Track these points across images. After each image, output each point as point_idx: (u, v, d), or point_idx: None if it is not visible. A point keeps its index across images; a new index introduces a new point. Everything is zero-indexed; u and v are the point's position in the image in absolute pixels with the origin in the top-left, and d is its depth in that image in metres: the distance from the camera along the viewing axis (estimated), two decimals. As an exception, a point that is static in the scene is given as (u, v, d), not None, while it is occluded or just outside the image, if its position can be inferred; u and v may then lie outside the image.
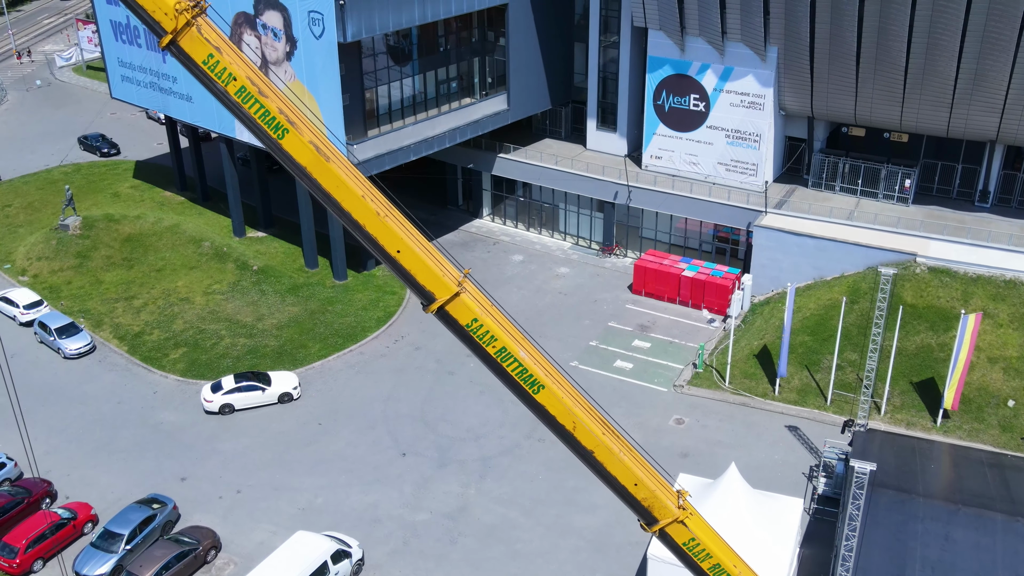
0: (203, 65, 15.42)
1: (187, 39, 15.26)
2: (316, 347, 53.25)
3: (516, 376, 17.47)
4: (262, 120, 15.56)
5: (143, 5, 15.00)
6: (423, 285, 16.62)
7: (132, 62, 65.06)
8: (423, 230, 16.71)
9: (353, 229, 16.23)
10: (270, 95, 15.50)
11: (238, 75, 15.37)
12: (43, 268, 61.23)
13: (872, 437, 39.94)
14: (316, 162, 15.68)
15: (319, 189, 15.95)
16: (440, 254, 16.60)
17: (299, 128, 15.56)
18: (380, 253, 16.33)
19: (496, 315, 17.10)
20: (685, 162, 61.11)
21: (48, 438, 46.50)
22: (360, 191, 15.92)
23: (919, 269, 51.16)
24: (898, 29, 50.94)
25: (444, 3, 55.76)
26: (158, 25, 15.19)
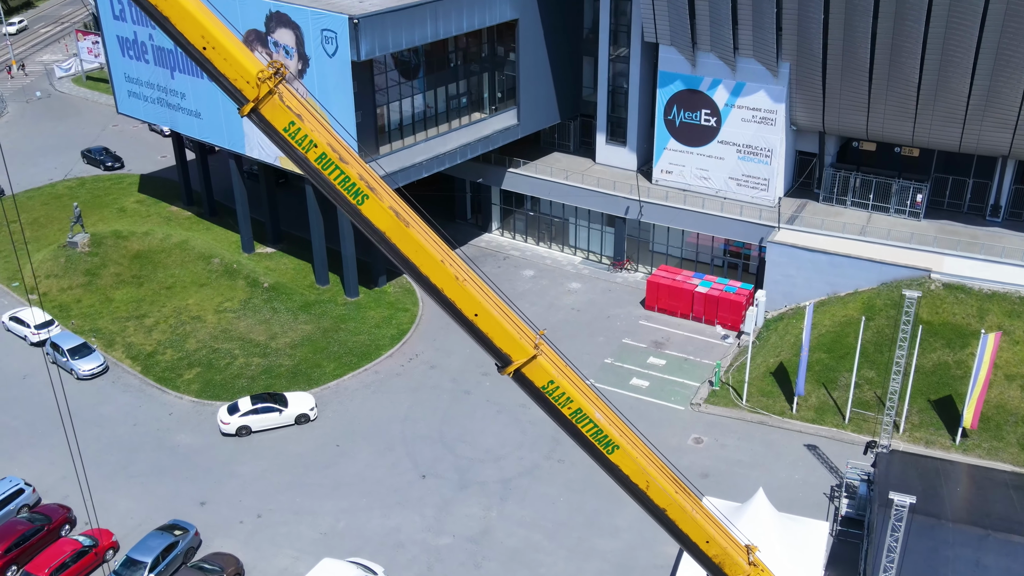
0: (284, 132, 15.32)
1: (269, 107, 15.15)
2: (331, 366, 53.05)
3: (591, 437, 17.41)
4: (342, 186, 15.46)
5: (225, 74, 14.88)
6: (500, 348, 16.56)
7: (139, 78, 64.75)
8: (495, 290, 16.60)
9: (429, 292, 16.15)
10: (351, 161, 15.40)
11: (319, 142, 15.27)
12: (52, 286, 60.85)
13: (895, 459, 39.98)
14: (396, 227, 15.59)
15: (397, 254, 15.87)
16: (515, 314, 16.52)
17: (379, 194, 15.47)
18: (456, 316, 16.26)
19: (571, 375, 17.02)
20: (696, 177, 61.12)
21: (64, 462, 45.85)
22: (439, 255, 15.86)
23: (934, 285, 51.26)
24: (911, 46, 51.05)
25: (456, 20, 55.65)
26: (239, 93, 15.07)
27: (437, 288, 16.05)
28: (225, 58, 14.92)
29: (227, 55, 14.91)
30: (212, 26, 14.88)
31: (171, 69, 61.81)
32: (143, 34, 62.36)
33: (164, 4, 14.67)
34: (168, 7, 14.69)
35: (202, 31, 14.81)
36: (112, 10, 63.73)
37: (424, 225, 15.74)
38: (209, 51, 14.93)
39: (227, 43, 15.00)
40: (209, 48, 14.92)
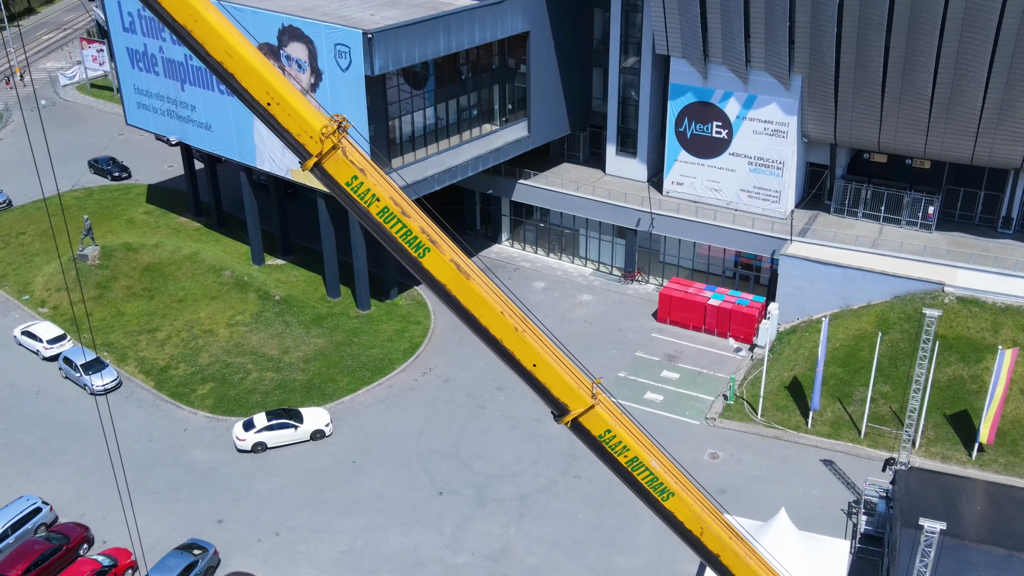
0: (346, 186, 15.30)
1: (332, 162, 15.13)
2: (344, 381, 53.01)
3: (647, 484, 17.42)
4: (403, 239, 15.45)
5: (288, 129, 14.87)
6: (557, 397, 16.57)
7: (149, 89, 64.67)
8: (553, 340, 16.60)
9: (488, 342, 16.16)
10: (412, 215, 15.40)
11: (381, 196, 15.27)
12: (62, 299, 60.74)
13: (914, 476, 40.01)
14: (457, 280, 15.59)
15: (457, 305, 15.87)
16: (571, 362, 16.53)
17: (440, 247, 15.47)
18: (515, 366, 16.26)
19: (627, 423, 17.03)
20: (707, 188, 61.16)
21: (80, 479, 46.16)
22: (499, 307, 15.86)
23: (947, 299, 51.32)
24: (925, 60, 51.13)
25: (468, 33, 55.65)
26: (302, 148, 15.05)
27: (496, 339, 16.07)
28: (289, 113, 14.91)
29: (291, 110, 14.90)
30: (277, 81, 14.86)
31: (181, 81, 61.74)
32: (153, 46, 62.29)
33: (230, 61, 14.64)
34: (234, 64, 14.66)
35: (267, 87, 14.80)
36: (122, 22, 63.65)
37: (483, 276, 15.74)
38: (273, 107, 14.93)
39: (291, 98, 14.98)
40: (274, 104, 14.91)
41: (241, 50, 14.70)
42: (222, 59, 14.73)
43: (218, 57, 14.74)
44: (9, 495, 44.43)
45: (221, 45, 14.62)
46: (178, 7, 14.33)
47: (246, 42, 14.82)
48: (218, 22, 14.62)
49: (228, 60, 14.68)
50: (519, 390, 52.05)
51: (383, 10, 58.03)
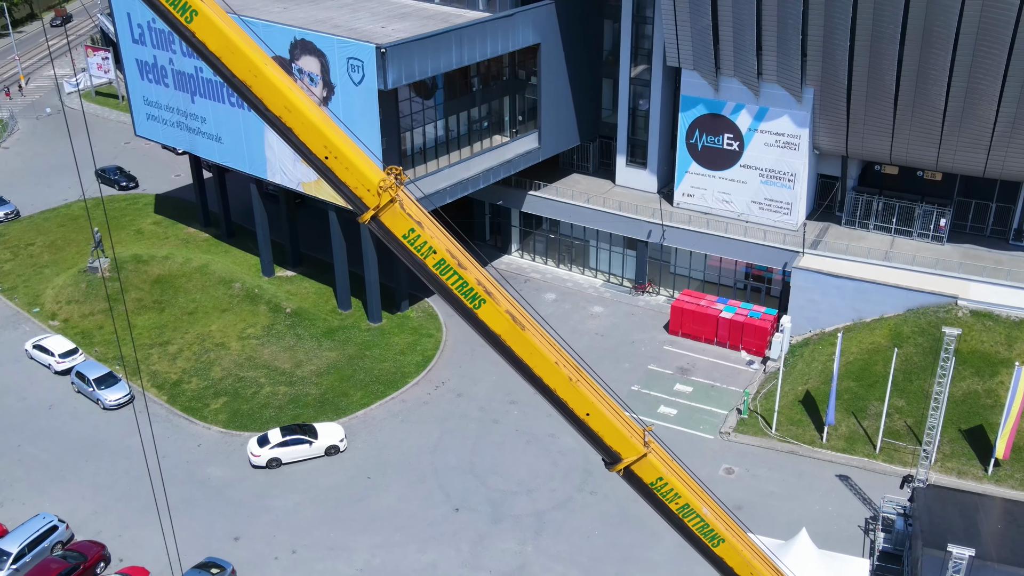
0: (402, 239, 15.27)
1: (389, 214, 15.11)
2: (358, 395, 52.95)
3: (697, 531, 17.38)
4: (459, 291, 15.43)
5: (346, 182, 14.85)
6: (610, 446, 16.54)
7: (159, 101, 64.58)
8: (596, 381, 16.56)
9: (541, 391, 16.14)
10: (469, 267, 15.38)
11: (438, 248, 15.24)
12: (73, 312, 60.68)
13: (932, 494, 40.00)
14: (511, 331, 15.57)
15: (511, 356, 15.84)
16: (622, 410, 16.50)
17: (496, 298, 15.45)
18: (567, 415, 16.25)
19: (677, 470, 17.01)
20: (718, 200, 61.15)
21: (95, 496, 46.09)
22: (553, 357, 15.84)
23: (961, 313, 51.33)
24: (938, 73, 51.14)
25: (480, 46, 55.62)
26: (359, 201, 15.02)
27: (550, 389, 16.05)
28: (347, 167, 14.89)
29: (349, 164, 14.87)
30: (335, 135, 14.83)
31: (191, 93, 61.68)
32: (163, 58, 62.21)
33: (289, 116, 14.59)
34: (293, 119, 14.62)
35: (325, 141, 14.76)
36: (131, 34, 63.57)
37: (537, 326, 15.72)
38: (331, 160, 14.90)
39: (349, 152, 14.95)
40: (331, 158, 14.88)
41: (300, 105, 14.67)
42: (281, 114, 14.69)
43: (277, 112, 14.70)
44: (25, 512, 44.37)
45: (280, 100, 14.60)
46: (238, 63, 14.29)
47: (304, 96, 14.80)
48: (278, 77, 14.59)
49: (287, 115, 14.65)
50: (532, 404, 52.25)
51: (393, 22, 58.08)
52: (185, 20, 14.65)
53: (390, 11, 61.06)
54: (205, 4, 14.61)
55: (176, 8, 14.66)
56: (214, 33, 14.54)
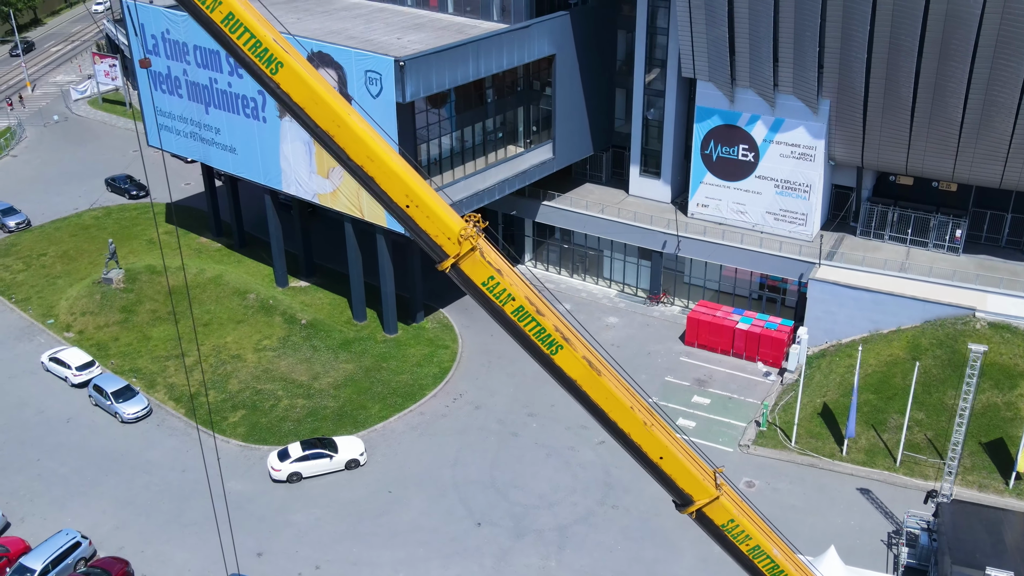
0: (482, 286, 15.28)
1: (469, 262, 15.12)
2: (376, 408, 52.91)
3: (767, 572, 17.37)
4: (537, 337, 15.47)
5: (426, 231, 14.87)
6: (682, 488, 16.56)
7: (172, 112, 64.51)
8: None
9: (614, 435, 16.17)
10: (547, 313, 15.42)
11: (517, 295, 15.27)
12: (88, 323, 60.59)
13: (957, 509, 40.05)
14: (588, 376, 15.60)
15: (587, 400, 15.87)
16: (694, 451, 16.52)
17: (573, 344, 15.49)
18: (640, 458, 16.27)
19: (748, 511, 17.02)
20: (732, 211, 61.19)
21: (117, 511, 46.01)
22: (628, 402, 15.86)
23: (979, 324, 51.39)
24: (955, 85, 51.20)
25: (496, 58, 55.63)
26: (439, 248, 15.02)
27: (624, 432, 16.08)
28: (428, 215, 14.91)
29: (430, 212, 14.90)
30: (416, 184, 14.85)
31: (206, 104, 61.63)
32: (177, 69, 62.15)
33: (371, 165, 14.60)
34: (375, 168, 14.63)
35: (407, 190, 14.78)
36: (144, 45, 63.49)
37: (613, 372, 15.73)
38: (412, 209, 14.92)
39: (430, 201, 14.97)
40: (412, 206, 14.90)
41: (383, 154, 14.68)
42: (363, 163, 14.70)
43: (359, 161, 14.70)
44: (46, 528, 44.30)
45: (363, 150, 14.60)
46: (322, 113, 14.29)
47: (387, 145, 14.80)
48: (361, 127, 14.59)
49: (369, 164, 14.66)
50: (551, 417, 52.28)
51: (409, 33, 58.08)
52: (270, 72, 14.69)
53: (404, 21, 61.07)
54: (290, 56, 14.64)
55: (262, 60, 14.70)
56: (299, 84, 14.55)
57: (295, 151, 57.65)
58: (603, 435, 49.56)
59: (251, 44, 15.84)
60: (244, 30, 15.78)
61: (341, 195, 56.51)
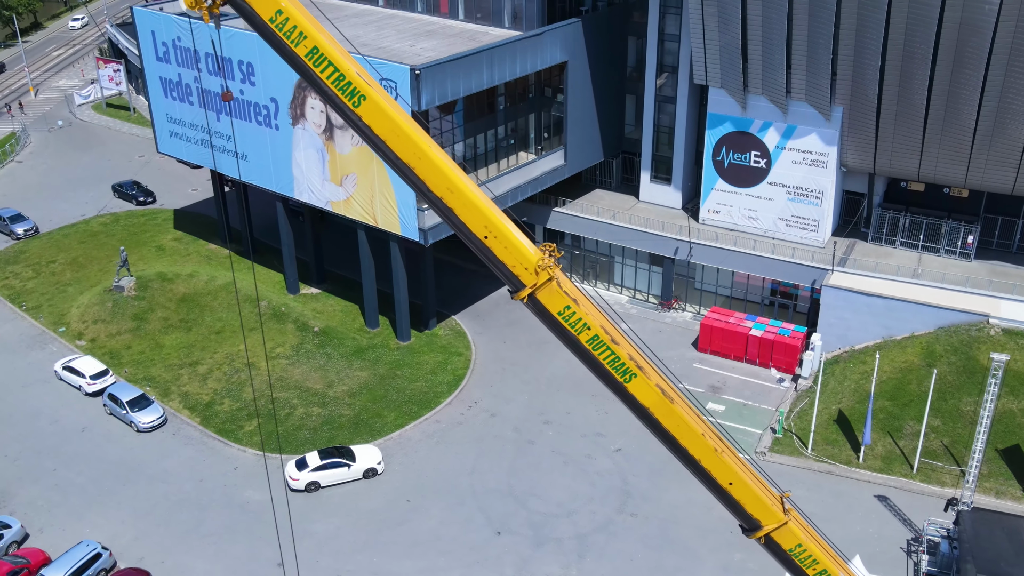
0: (558, 315, 15.34)
1: (546, 292, 15.17)
2: (391, 416, 52.93)
3: None
4: (611, 365, 15.53)
5: (504, 261, 14.92)
6: (751, 514, 16.62)
7: (183, 119, 64.44)
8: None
9: (684, 461, 16.25)
10: (621, 342, 15.49)
11: (592, 324, 15.34)
12: (100, 331, 60.48)
13: (978, 517, 40.20)
14: (661, 404, 15.67)
15: (659, 427, 15.95)
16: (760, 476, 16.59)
17: (647, 372, 15.55)
18: (710, 484, 16.33)
19: (814, 535, 17.09)
20: (744, 217, 61.32)
21: (135, 522, 45.95)
22: (700, 429, 15.94)
23: (993, 331, 51.58)
24: (969, 93, 51.38)
25: (510, 66, 55.71)
26: (516, 279, 15.07)
27: (695, 458, 16.15)
28: (506, 246, 14.95)
29: (508, 243, 14.94)
30: (495, 215, 14.90)
31: (217, 111, 61.55)
32: (188, 76, 62.10)
33: (451, 197, 14.65)
34: (455, 200, 14.67)
35: (486, 221, 14.83)
36: (155, 52, 63.41)
37: (685, 400, 15.82)
38: (490, 240, 14.96)
39: (508, 232, 15.03)
40: (491, 237, 14.95)
41: (463, 186, 14.74)
42: (443, 195, 14.76)
43: (439, 193, 14.76)
44: (65, 539, 44.25)
45: (443, 182, 14.66)
46: (403, 145, 14.34)
47: (466, 177, 14.87)
48: (441, 159, 14.64)
49: (449, 196, 14.72)
50: (567, 425, 52.36)
51: (421, 40, 58.14)
52: (352, 104, 14.74)
53: (416, 28, 61.12)
54: (373, 89, 14.69)
55: (344, 93, 14.74)
56: (381, 117, 14.59)
57: (308, 158, 57.64)
58: (619, 442, 49.95)
59: (334, 78, 15.93)
60: (328, 64, 15.88)
61: (355, 202, 56.52)
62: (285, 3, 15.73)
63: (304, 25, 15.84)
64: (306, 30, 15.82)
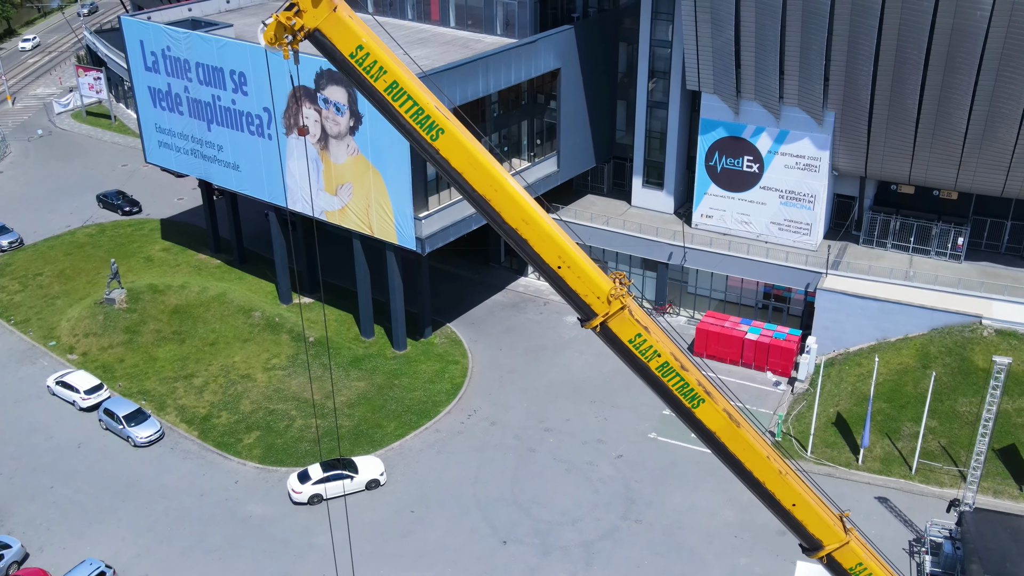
0: (628, 343, 15.39)
1: (617, 321, 15.20)
2: (391, 426, 52.76)
3: None
4: (679, 391, 15.62)
5: (576, 290, 14.94)
6: (812, 533, 16.74)
7: (172, 128, 63.89)
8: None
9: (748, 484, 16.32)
10: (690, 368, 15.57)
11: (662, 351, 15.40)
12: (92, 345, 59.81)
13: (981, 517, 40.70)
14: (727, 428, 15.76)
15: (724, 451, 16.03)
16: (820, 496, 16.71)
17: (715, 398, 15.62)
18: (773, 505, 16.41)
19: (873, 553, 17.23)
20: (737, 221, 61.71)
21: (137, 538, 45.48)
22: (765, 452, 16.03)
23: (986, 332, 52.24)
24: (960, 97, 52.04)
25: (505, 73, 55.75)
26: (588, 308, 15.10)
27: (759, 481, 16.26)
28: (579, 276, 14.98)
29: (581, 273, 14.97)
30: (568, 246, 14.91)
31: (208, 121, 61.12)
32: (178, 86, 61.57)
33: (526, 228, 14.65)
34: (530, 231, 14.67)
35: (560, 251, 14.84)
36: (144, 62, 62.83)
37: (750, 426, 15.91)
38: (564, 270, 14.97)
39: (582, 261, 15.05)
40: (564, 267, 14.95)
41: (538, 217, 14.75)
42: (518, 226, 14.76)
43: (514, 224, 14.76)
44: (67, 557, 43.72)
45: (519, 213, 14.66)
46: (480, 178, 14.32)
47: (540, 208, 14.85)
48: (517, 190, 14.65)
49: (524, 227, 14.72)
50: (567, 432, 52.45)
51: (414, 49, 57.96)
52: (430, 138, 14.70)
53: (408, 36, 60.94)
54: (451, 122, 14.64)
55: (423, 127, 14.71)
56: (459, 150, 14.57)
57: (302, 168, 57.34)
58: (620, 448, 50.09)
59: (413, 111, 15.91)
60: (407, 98, 15.87)
61: (350, 212, 56.30)
62: (366, 38, 15.75)
63: (384, 60, 15.87)
64: (386, 64, 15.83)
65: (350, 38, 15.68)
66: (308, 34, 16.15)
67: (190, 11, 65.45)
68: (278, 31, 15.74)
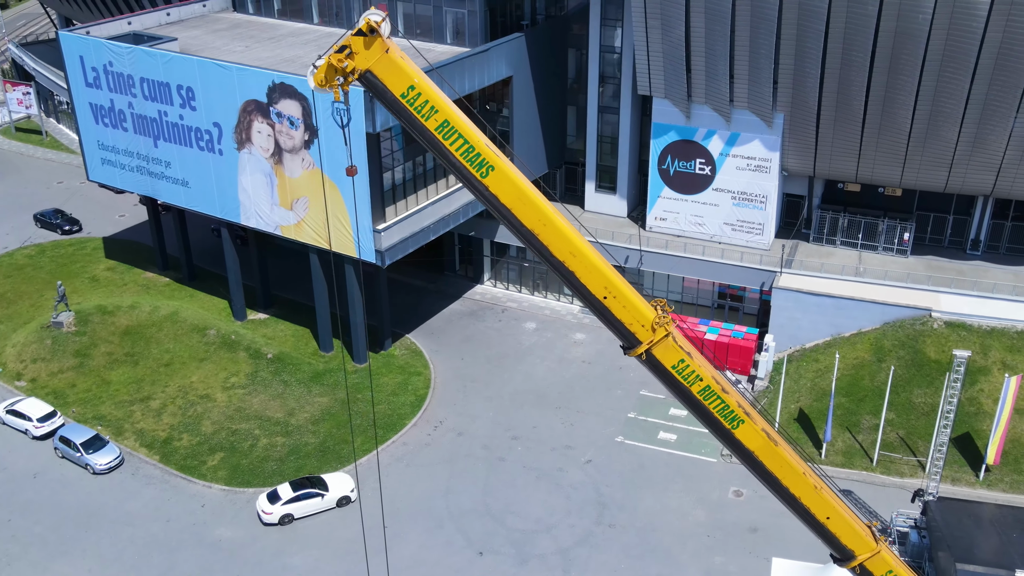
0: (671, 369, 15.49)
1: (662, 348, 15.30)
2: (358, 441, 52.21)
3: None
4: (720, 413, 15.80)
5: (621, 319, 15.02)
6: (845, 544, 17.06)
7: (116, 145, 62.31)
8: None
9: (784, 499, 16.56)
10: (730, 391, 15.76)
11: (704, 376, 15.54)
12: (40, 371, 58.03)
13: (945, 506, 41.94)
14: (765, 447, 15.97)
15: (762, 469, 16.27)
16: (850, 507, 17.05)
17: (753, 418, 15.83)
18: (807, 518, 16.68)
19: (900, 561, 17.63)
20: (690, 223, 62.58)
21: (103, 569, 44.29)
22: (801, 468, 16.29)
23: (936, 324, 53.88)
24: (904, 97, 53.55)
25: (459, 82, 55.62)
26: (632, 336, 15.17)
27: (794, 496, 16.51)
28: (624, 305, 15.05)
29: (627, 302, 15.04)
30: (614, 276, 14.96)
31: (154, 137, 59.77)
32: (121, 102, 60.07)
33: (573, 260, 14.65)
34: (577, 263, 14.67)
35: (606, 282, 14.87)
36: (84, 78, 61.13)
37: (786, 444, 16.16)
38: (610, 300, 15.03)
39: (627, 291, 15.11)
40: (610, 297, 15.00)
41: (585, 250, 14.78)
42: (565, 259, 14.78)
43: (561, 257, 14.77)
44: (31, 593, 42.38)
45: (566, 246, 14.66)
46: (529, 213, 14.28)
47: (586, 241, 14.88)
48: (564, 225, 14.69)
49: (571, 260, 14.75)
50: (535, 439, 52.59)
51: (364, 59, 57.44)
52: (480, 175, 14.62)
53: (357, 47, 60.35)
54: (501, 159, 14.56)
55: (473, 164, 14.61)
56: (508, 186, 14.52)
57: (255, 183, 56.45)
58: (588, 454, 50.41)
59: (463, 149, 15.77)
60: (458, 136, 15.71)
61: (306, 226, 55.61)
62: (418, 79, 15.64)
63: (435, 99, 15.77)
64: (437, 104, 15.73)
65: (402, 79, 15.64)
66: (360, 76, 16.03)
67: (130, 24, 64.01)
68: (328, 73, 15.61)
